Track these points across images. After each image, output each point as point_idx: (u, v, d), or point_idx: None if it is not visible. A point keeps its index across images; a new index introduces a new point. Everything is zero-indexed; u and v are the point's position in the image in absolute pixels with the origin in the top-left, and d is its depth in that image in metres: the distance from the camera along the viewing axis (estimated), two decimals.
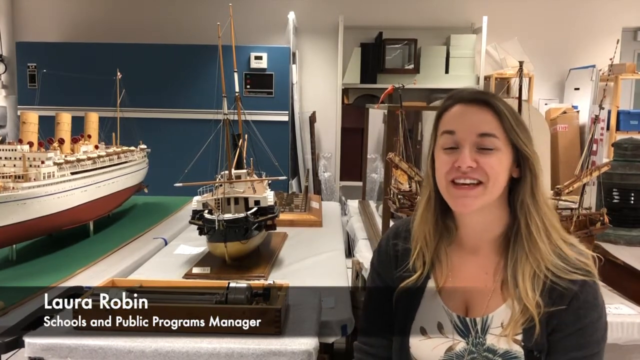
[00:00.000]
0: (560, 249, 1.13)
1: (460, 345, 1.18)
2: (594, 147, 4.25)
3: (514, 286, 1.12)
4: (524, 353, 1.11)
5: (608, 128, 5.18)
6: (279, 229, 2.56)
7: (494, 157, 1.11)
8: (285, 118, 5.16)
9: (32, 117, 2.52)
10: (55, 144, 2.64)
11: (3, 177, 2.27)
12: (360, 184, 4.95)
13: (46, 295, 1.89)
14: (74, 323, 1.45)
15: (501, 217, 1.18)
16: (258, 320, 1.44)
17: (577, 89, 5.45)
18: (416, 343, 1.22)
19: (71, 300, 1.60)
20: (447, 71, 5.43)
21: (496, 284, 1.17)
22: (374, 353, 1.30)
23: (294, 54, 5.38)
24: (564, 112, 5.30)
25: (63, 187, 2.47)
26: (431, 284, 1.22)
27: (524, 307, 1.11)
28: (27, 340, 1.39)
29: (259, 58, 5.07)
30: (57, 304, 1.67)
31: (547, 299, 1.10)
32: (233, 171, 2.37)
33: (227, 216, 2.09)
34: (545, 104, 5.60)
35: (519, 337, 1.12)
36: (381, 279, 1.30)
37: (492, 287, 1.18)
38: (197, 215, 2.23)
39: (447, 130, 1.15)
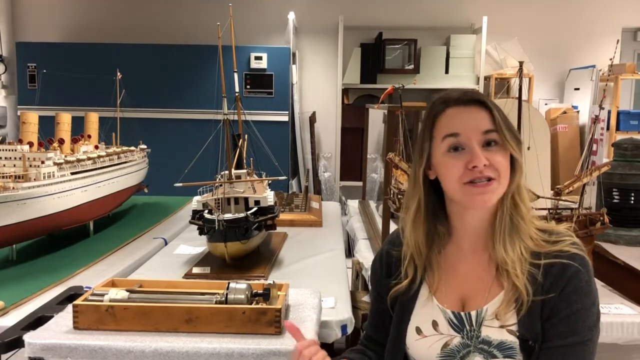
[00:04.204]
0: (537, 226, 1.19)
1: (456, 340, 1.18)
2: (594, 147, 4.24)
3: (504, 265, 1.14)
4: (519, 343, 1.12)
5: (608, 128, 5.18)
6: (279, 229, 2.56)
7: (499, 152, 1.14)
8: (285, 118, 5.16)
9: (32, 117, 2.52)
10: (55, 144, 2.64)
11: (3, 177, 2.27)
12: (360, 184, 4.95)
13: (46, 295, 1.91)
14: (74, 323, 1.45)
15: (493, 209, 1.19)
16: (258, 321, 1.44)
17: (577, 89, 5.45)
18: (412, 343, 1.24)
19: (71, 300, 1.60)
20: (447, 71, 5.43)
21: (492, 274, 1.19)
22: (373, 348, 1.38)
23: (294, 54, 5.38)
24: (564, 112, 5.31)
25: (63, 187, 2.47)
26: (424, 289, 1.25)
27: (515, 287, 1.12)
28: (27, 340, 1.38)
29: (259, 58, 5.07)
30: (57, 304, 1.68)
31: (541, 281, 1.12)
32: (233, 171, 2.37)
33: (227, 216, 2.09)
34: (545, 104, 5.60)
35: (514, 328, 1.12)
36: (377, 291, 1.36)
37: (489, 278, 1.19)
38: (197, 215, 2.23)
39: (450, 133, 1.16)
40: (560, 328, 1.11)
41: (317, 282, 2.00)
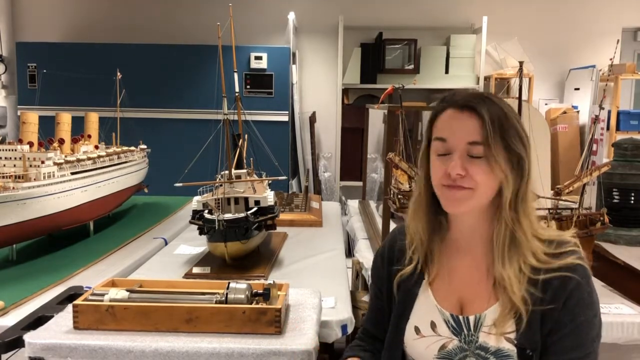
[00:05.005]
0: (542, 238, 1.16)
1: (453, 343, 1.19)
2: (594, 147, 4.24)
3: (502, 281, 1.13)
4: (516, 351, 1.11)
5: (608, 128, 5.18)
6: (279, 229, 2.56)
7: (482, 165, 1.11)
8: (285, 118, 5.16)
9: (32, 117, 2.52)
10: (55, 144, 2.64)
11: (3, 177, 2.27)
12: (360, 184, 4.95)
13: (46, 295, 1.91)
14: (74, 323, 1.45)
15: (491, 216, 1.18)
16: (258, 320, 1.44)
17: (577, 89, 5.45)
18: (410, 342, 1.24)
19: (71, 300, 1.60)
20: (447, 71, 5.43)
21: (490, 283, 1.18)
22: (372, 344, 1.39)
23: (294, 54, 5.38)
24: (564, 112, 5.31)
25: (63, 187, 2.47)
26: (425, 281, 1.26)
27: (512, 303, 1.11)
28: (27, 340, 1.39)
29: (259, 58, 5.07)
30: (57, 303, 1.68)
31: (540, 296, 1.11)
32: (233, 171, 2.37)
33: (227, 216, 2.09)
34: (545, 104, 5.60)
35: (512, 336, 1.12)
36: (377, 287, 1.37)
37: (487, 286, 1.18)
38: (197, 215, 2.23)
39: (438, 137, 1.16)
40: (565, 342, 1.10)
41: (317, 282, 2.00)
